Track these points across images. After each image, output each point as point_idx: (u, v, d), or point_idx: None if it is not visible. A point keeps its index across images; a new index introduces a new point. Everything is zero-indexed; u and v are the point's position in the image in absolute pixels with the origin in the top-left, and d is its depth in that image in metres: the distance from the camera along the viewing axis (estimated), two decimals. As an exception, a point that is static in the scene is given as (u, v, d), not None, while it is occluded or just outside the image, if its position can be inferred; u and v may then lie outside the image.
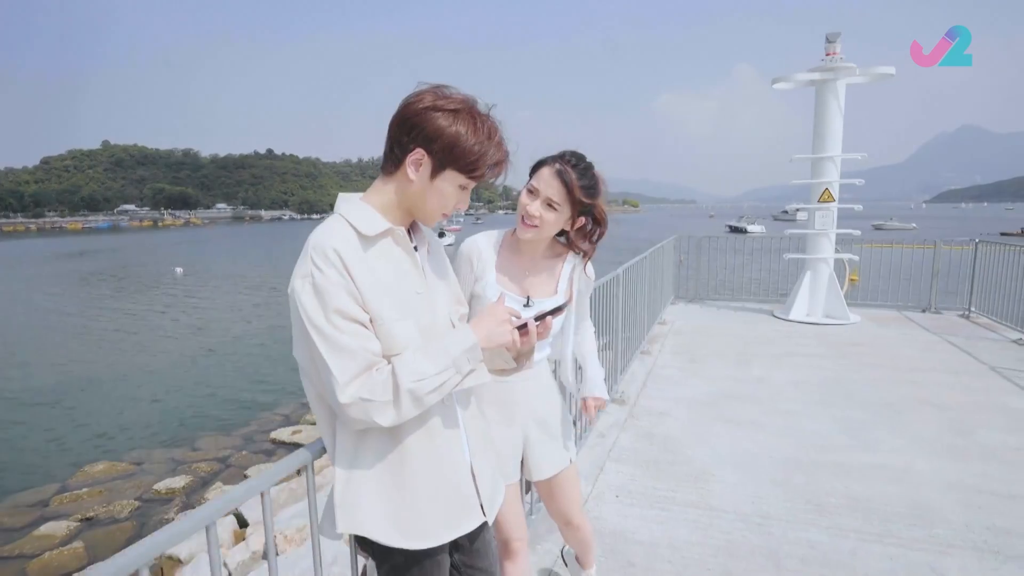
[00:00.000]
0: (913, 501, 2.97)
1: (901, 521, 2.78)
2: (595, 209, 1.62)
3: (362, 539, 1.24)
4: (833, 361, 5.56)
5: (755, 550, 2.58)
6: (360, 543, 1.27)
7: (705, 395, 4.63)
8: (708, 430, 3.93)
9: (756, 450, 3.60)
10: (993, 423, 3.96)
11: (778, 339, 6.50)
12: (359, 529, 1.18)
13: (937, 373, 5.13)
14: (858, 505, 2.93)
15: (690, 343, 6.34)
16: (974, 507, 2.90)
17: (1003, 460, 3.41)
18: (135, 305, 22.26)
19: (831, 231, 7.50)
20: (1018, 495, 3.02)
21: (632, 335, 5.38)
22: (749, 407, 4.35)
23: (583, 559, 2.13)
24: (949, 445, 3.63)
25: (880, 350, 5.95)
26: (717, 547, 2.61)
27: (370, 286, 1.12)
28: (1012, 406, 4.29)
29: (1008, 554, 2.52)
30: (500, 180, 1.25)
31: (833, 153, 7.32)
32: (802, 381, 4.95)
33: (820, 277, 7.55)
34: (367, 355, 1.10)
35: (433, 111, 1.11)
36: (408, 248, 1.23)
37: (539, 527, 2.71)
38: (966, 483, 3.14)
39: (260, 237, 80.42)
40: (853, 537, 2.66)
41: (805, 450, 3.59)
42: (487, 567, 1.40)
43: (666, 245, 7.78)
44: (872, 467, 3.35)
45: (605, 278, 4.04)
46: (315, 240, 1.13)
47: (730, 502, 2.99)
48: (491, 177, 1.20)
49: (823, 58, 7.26)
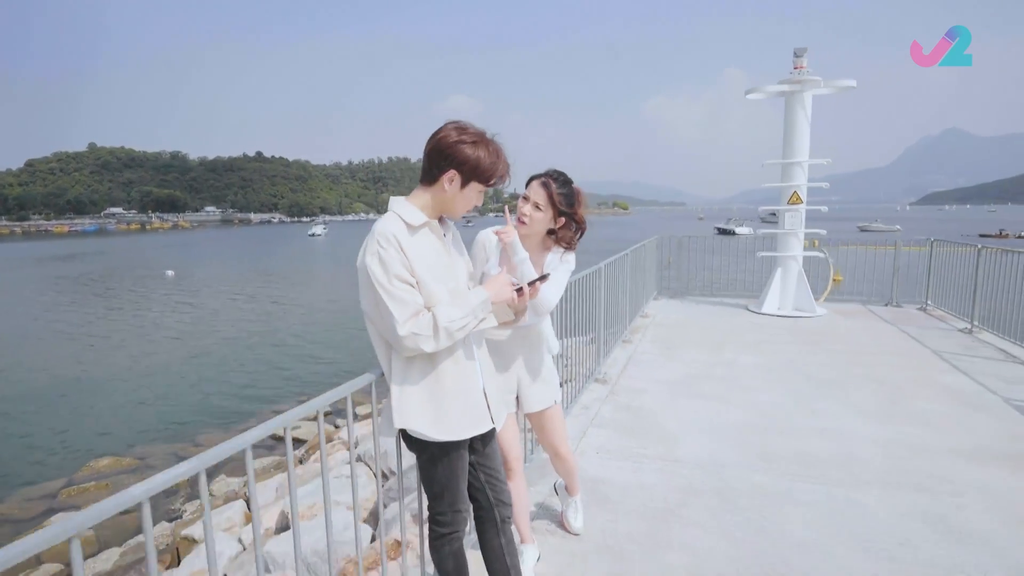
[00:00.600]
0: (843, 453, 3.54)
1: (831, 467, 3.36)
2: (575, 215, 2.18)
3: (408, 438, 1.78)
4: (796, 348, 6.16)
5: (709, 489, 3.14)
6: (406, 440, 1.80)
7: (679, 376, 5.20)
8: (678, 403, 4.49)
9: (718, 418, 4.17)
10: (924, 395, 4.56)
11: (750, 330, 7.08)
12: (408, 425, 1.71)
13: (885, 356, 5.74)
14: (797, 456, 3.50)
15: (669, 334, 6.91)
16: (892, 456, 3.48)
17: (925, 423, 4.00)
18: (128, 307, 22.46)
19: (799, 231, 8.12)
20: (931, 447, 3.60)
21: (615, 326, 5.93)
22: (716, 385, 4.92)
23: (570, 487, 2.69)
24: (882, 412, 4.22)
25: (839, 338, 6.56)
26: (678, 487, 3.16)
27: (415, 259, 1.66)
28: (944, 382, 4.89)
29: (911, 487, 3.10)
30: (504, 185, 1.79)
31: (801, 159, 7.94)
32: (765, 364, 5.54)
33: (790, 273, 8.15)
34: (416, 304, 1.64)
35: (460, 144, 1.66)
36: (439, 235, 1.78)
37: (534, 474, 3.25)
38: (890, 439, 3.73)
39: (250, 240, 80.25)
40: (790, 478, 3.23)
41: (759, 417, 4.16)
42: (495, 467, 1.94)
43: (648, 244, 8.35)
44: (813, 429, 3.92)
45: (587, 270, 4.58)
46: (379, 228, 1.66)
47: (691, 456, 3.55)
48: (499, 184, 1.75)
49: (791, 71, 7.88)
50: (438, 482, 1.80)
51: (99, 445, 9.39)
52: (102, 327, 18.55)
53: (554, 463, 2.60)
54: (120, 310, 21.64)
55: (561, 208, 2.17)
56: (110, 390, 12.21)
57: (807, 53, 7.88)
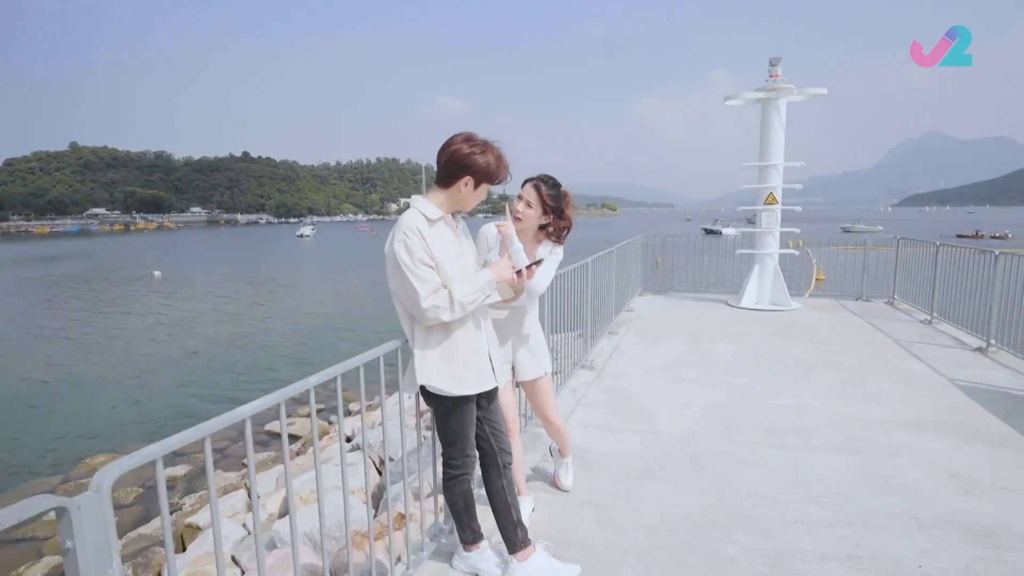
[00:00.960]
0: (802, 425, 3.98)
1: (789, 436, 3.79)
2: (562, 214, 2.59)
3: (428, 394, 2.17)
4: (769, 338, 6.61)
5: (682, 455, 3.55)
6: (425, 396, 2.19)
7: (660, 363, 5.62)
8: (658, 386, 4.91)
9: (693, 398, 4.59)
10: (881, 378, 5.02)
11: (728, 323, 7.54)
12: (428, 382, 2.10)
13: (850, 344, 6.21)
14: (761, 429, 3.93)
15: (652, 326, 7.34)
16: (843, 427, 3.93)
17: (879, 401, 4.45)
18: (116, 308, 22.48)
19: (775, 229, 8.59)
20: (878, 419, 4.05)
21: (601, 319, 6.34)
22: (693, 370, 5.35)
23: (562, 450, 3.09)
24: (841, 392, 4.67)
25: (810, 329, 7.03)
26: (655, 454, 3.57)
27: (434, 246, 2.05)
28: (901, 366, 5.36)
29: (857, 451, 3.54)
30: (506, 183, 2.20)
31: (776, 162, 8.41)
32: (739, 352, 5.98)
33: (767, 270, 8.62)
34: (435, 283, 2.02)
35: (472, 154, 2.05)
36: (452, 226, 2.16)
37: (528, 443, 3.64)
38: (845, 414, 4.17)
39: (237, 241, 79.81)
40: (754, 446, 3.66)
41: (731, 397, 4.59)
42: (497, 421, 2.33)
43: (634, 243, 8.79)
44: (778, 406, 4.36)
45: (574, 265, 4.98)
46: (405, 221, 2.05)
47: (668, 429, 3.96)
48: (502, 182, 2.15)
49: (767, 80, 8.35)
50: (452, 431, 2.19)
51: (94, 444, 9.48)
52: (91, 328, 18.57)
53: (545, 428, 3.01)
54: (109, 311, 21.68)
55: (549, 206, 2.57)
56: (104, 390, 12.29)
57: (781, 62, 8.35)
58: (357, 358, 2.03)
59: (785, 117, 8.41)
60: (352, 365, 2.01)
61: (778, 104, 8.32)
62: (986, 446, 3.61)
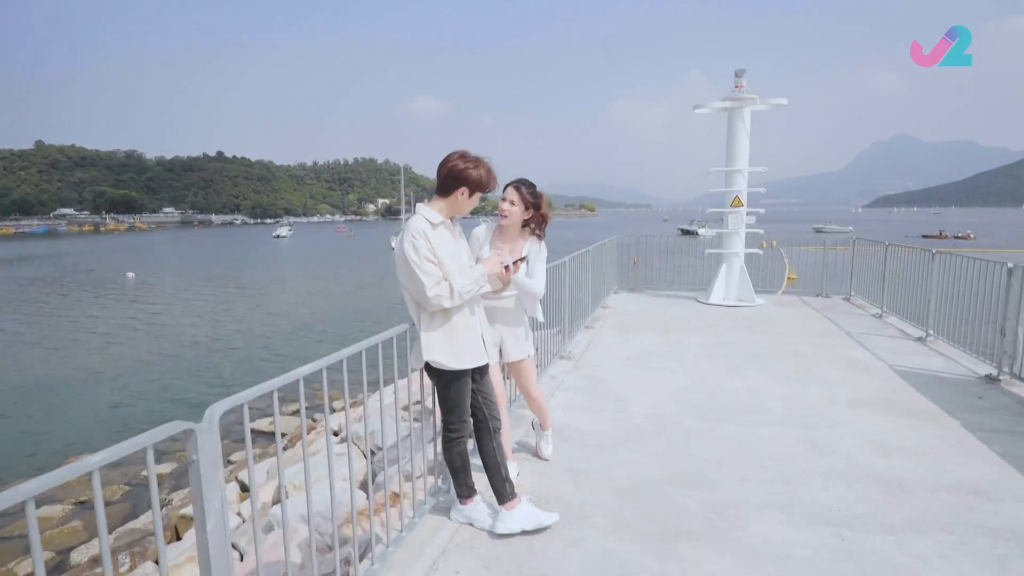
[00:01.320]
0: (755, 405, 4.48)
1: (743, 414, 4.29)
2: (539, 209, 3.03)
3: (431, 370, 2.58)
4: (733, 331, 7.14)
5: (650, 431, 4.02)
6: (429, 371, 2.60)
7: (632, 354, 6.10)
8: (630, 374, 5.39)
9: (662, 384, 5.07)
10: (830, 364, 5.57)
11: (696, 318, 8.06)
12: (431, 358, 2.52)
13: (806, 336, 6.77)
14: (720, 409, 4.42)
15: (626, 321, 7.83)
16: (791, 406, 4.44)
17: (824, 384, 4.98)
18: (91, 310, 22.30)
19: (741, 230, 9.16)
20: (821, 399, 4.58)
21: (578, 315, 6.80)
22: (663, 360, 5.84)
23: (543, 423, 3.53)
24: (792, 377, 5.20)
25: (772, 323, 7.59)
26: (626, 431, 4.03)
27: (436, 246, 2.46)
28: (848, 355, 5.93)
29: (800, 425, 4.05)
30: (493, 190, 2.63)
31: (741, 167, 8.98)
32: (705, 343, 6.49)
33: (733, 269, 9.19)
34: (438, 276, 2.44)
35: (467, 169, 2.48)
36: (451, 229, 2.59)
37: (514, 421, 4.06)
38: (794, 395, 4.69)
39: (212, 242, 78.76)
40: (712, 422, 4.14)
41: (695, 382, 5.09)
42: (488, 393, 2.76)
43: (609, 243, 9.28)
44: (737, 390, 4.86)
45: (552, 264, 5.42)
46: (412, 225, 2.46)
47: (638, 410, 4.43)
48: (491, 191, 2.59)
49: (732, 90, 8.91)
50: (451, 400, 2.62)
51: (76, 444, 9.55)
52: (62, 332, 18.36)
53: (528, 404, 3.45)
54: (83, 314, 21.48)
55: (529, 202, 3.04)
56: (81, 392, 12.28)
57: (746, 74, 8.92)
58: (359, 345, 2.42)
59: (750, 125, 8.98)
60: (356, 349, 2.40)
61: (743, 113, 8.88)
62: (910, 419, 4.15)
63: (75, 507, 7.64)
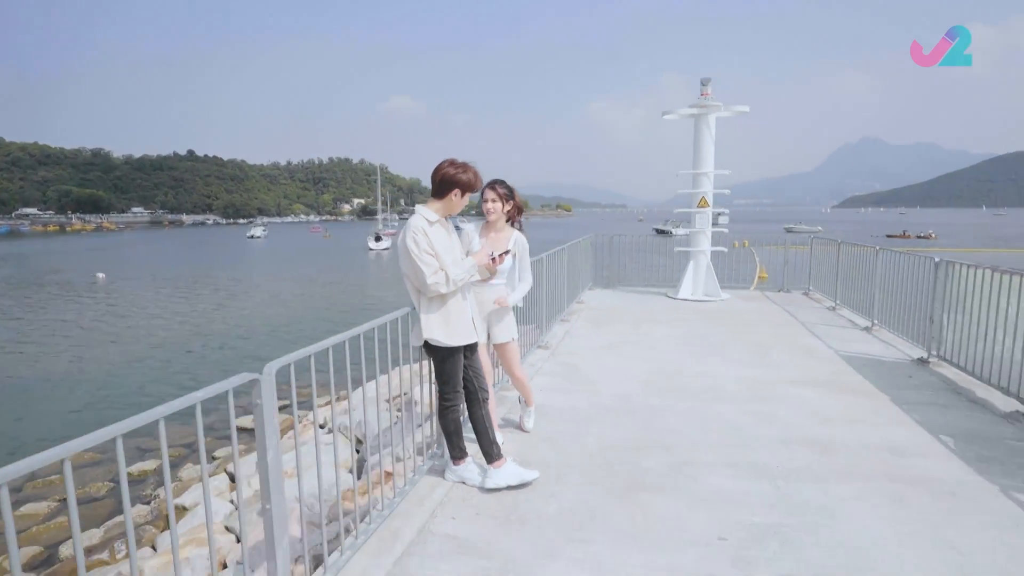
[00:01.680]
0: (713, 385, 5.00)
1: (703, 393, 4.80)
2: (516, 203, 3.49)
3: (429, 347, 3.01)
4: (698, 323, 7.69)
5: (617, 408, 4.50)
6: (427, 348, 3.03)
7: (604, 343, 6.59)
8: (602, 360, 5.87)
9: (631, 369, 5.56)
10: (782, 350, 6.13)
11: (665, 311, 8.60)
12: (430, 336, 2.95)
13: (764, 326, 7.35)
14: (682, 389, 4.93)
15: (600, 315, 8.33)
16: (745, 386, 4.97)
17: (777, 367, 5.53)
18: (62, 310, 22.05)
19: (708, 229, 9.74)
20: (773, 380, 5.12)
21: (555, 310, 7.26)
22: (632, 348, 6.34)
23: (526, 400, 3.99)
24: (748, 361, 5.74)
25: (734, 315, 8.16)
26: (596, 407, 4.50)
27: (434, 241, 2.90)
28: (800, 342, 6.50)
29: (751, 402, 4.57)
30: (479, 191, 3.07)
31: (707, 169, 9.55)
32: (672, 334, 7.02)
33: (700, 266, 9.76)
34: (435, 266, 2.88)
35: (457, 174, 2.92)
36: (445, 227, 3.02)
37: (498, 401, 4.50)
38: (748, 376, 5.22)
39: (185, 243, 77.45)
40: (674, 400, 4.64)
41: (661, 366, 5.59)
42: (477, 368, 3.20)
43: (583, 242, 9.77)
44: (698, 373, 5.38)
45: (531, 260, 5.87)
46: (412, 223, 2.89)
47: (608, 391, 4.91)
48: (477, 191, 3.03)
49: (699, 97, 9.48)
50: (446, 372, 3.05)
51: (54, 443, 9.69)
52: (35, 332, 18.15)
53: (513, 382, 3.89)
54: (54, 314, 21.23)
55: (505, 195, 3.55)
56: (53, 392, 12.27)
57: (711, 83, 9.50)
58: (366, 325, 2.84)
59: (715, 129, 9.55)
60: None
61: (708, 119, 9.45)
62: (847, 395, 4.70)
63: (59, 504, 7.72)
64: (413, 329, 3.04)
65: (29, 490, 8.14)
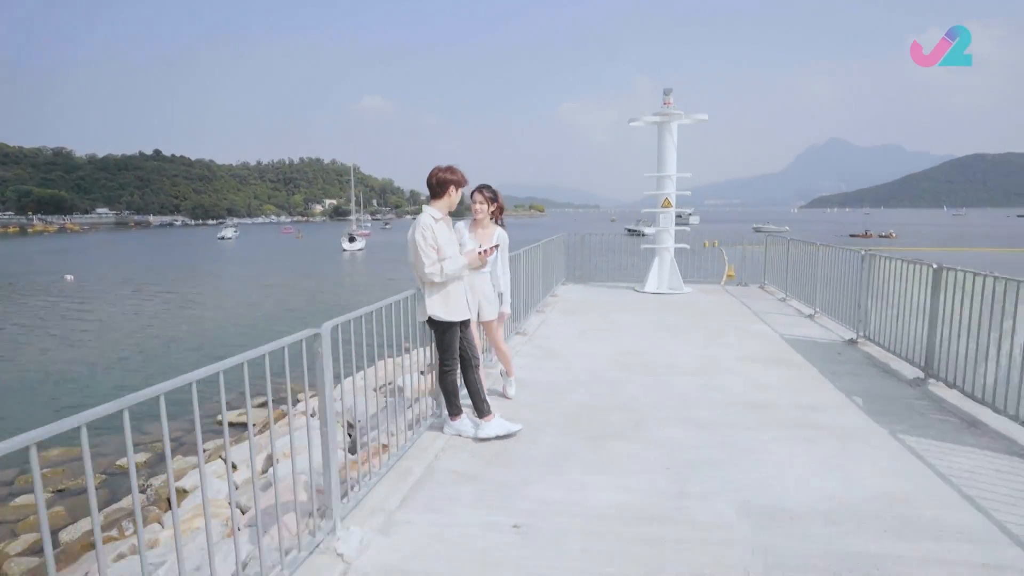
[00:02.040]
0: (670, 362, 5.75)
1: (661, 368, 5.54)
2: (498, 201, 4.17)
3: (432, 322, 3.66)
4: (661, 312, 8.47)
5: (586, 380, 5.20)
6: (430, 323, 3.69)
7: (576, 330, 7.30)
8: (574, 344, 6.58)
9: (599, 350, 6.28)
10: (733, 334, 6.93)
11: (632, 303, 9.37)
12: (432, 313, 3.62)
13: (720, 315, 8.16)
14: (643, 365, 5.66)
15: (572, 306, 9.06)
16: (698, 363, 5.73)
17: (726, 348, 6.31)
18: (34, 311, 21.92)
19: (671, 228, 10.55)
20: (723, 358, 5.89)
21: (531, 300, 7.95)
22: (601, 334, 7.07)
23: (508, 371, 4.67)
24: (703, 343, 6.52)
25: (694, 306, 8.97)
26: (568, 380, 5.20)
27: (438, 236, 3.56)
28: (750, 328, 7.32)
29: (702, 375, 5.33)
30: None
31: (670, 172, 10.35)
32: (637, 322, 7.77)
33: (664, 262, 10.56)
34: (434, 258, 3.56)
35: (450, 176, 3.60)
36: (447, 224, 3.68)
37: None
38: (701, 356, 5.99)
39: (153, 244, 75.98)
40: (635, 375, 5.37)
41: (626, 348, 6.32)
42: (470, 339, 3.87)
43: (557, 240, 10.48)
44: (656, 352, 6.13)
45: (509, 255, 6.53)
46: (422, 220, 3.55)
47: (579, 367, 5.62)
48: (466, 185, 3.71)
49: (662, 107, 10.27)
50: (445, 343, 3.70)
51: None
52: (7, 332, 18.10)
53: (497, 354, 4.57)
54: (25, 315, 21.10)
55: (490, 198, 4.23)
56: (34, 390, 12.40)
57: (672, 93, 10.30)
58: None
59: (676, 136, 10.36)
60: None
61: (670, 126, 10.26)
62: (785, 369, 5.49)
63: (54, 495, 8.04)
64: (419, 307, 3.69)
65: (20, 483, 8.34)
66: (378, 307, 3.17)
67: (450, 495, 3.13)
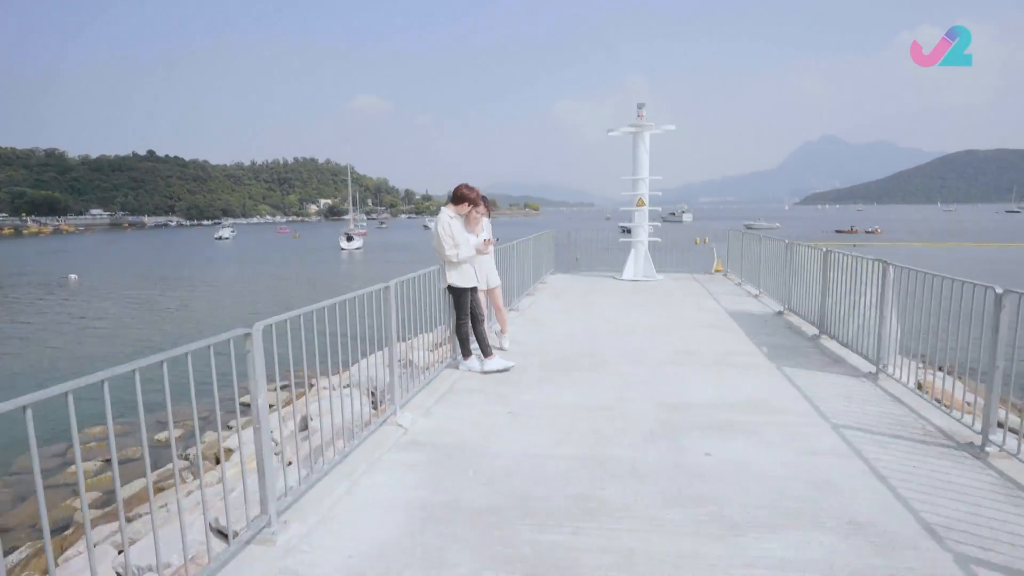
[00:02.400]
0: (632, 327, 7.32)
1: (623, 332, 7.11)
2: (489, 209, 5.76)
3: (452, 289, 5.23)
4: (634, 295, 10.04)
5: (566, 340, 6.76)
6: (450, 289, 5.25)
7: (560, 308, 8.87)
8: (558, 319, 8.14)
9: (578, 324, 7.83)
10: (689, 309, 8.52)
11: (610, 288, 10.94)
12: (452, 282, 5.19)
13: (681, 296, 9.76)
14: (610, 331, 7.23)
15: (558, 291, 10.62)
16: (657, 328, 7.30)
17: (679, 317, 7.89)
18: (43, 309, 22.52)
19: (645, 224, 12.12)
20: (680, 325, 7.46)
21: (523, 285, 9.50)
22: (581, 311, 8.64)
23: (503, 328, 6.23)
24: (663, 315, 8.10)
25: (663, 290, 10.55)
26: (552, 340, 6.76)
27: (454, 230, 5.11)
28: (704, 304, 8.91)
29: (659, 336, 6.89)
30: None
31: (643, 176, 11.92)
32: (612, 302, 9.35)
33: (640, 253, 12.13)
34: (452, 243, 5.10)
35: (469, 194, 5.20)
36: (460, 221, 5.24)
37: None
38: (658, 323, 7.56)
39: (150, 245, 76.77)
40: (604, 337, 6.93)
41: (600, 321, 7.89)
42: (478, 302, 5.44)
43: (546, 235, 12.03)
44: (623, 321, 7.70)
45: (502, 245, 8.07)
46: (443, 216, 5.13)
47: (560, 333, 7.18)
48: (478, 205, 5.28)
49: (635, 119, 11.82)
50: (461, 303, 5.27)
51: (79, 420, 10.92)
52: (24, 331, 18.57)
53: (496, 314, 6.14)
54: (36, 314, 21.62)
55: (488, 206, 5.73)
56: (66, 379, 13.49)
57: (644, 107, 11.86)
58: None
59: (649, 145, 11.92)
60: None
61: (643, 136, 11.83)
62: (719, 331, 7.07)
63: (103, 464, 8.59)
64: (442, 278, 5.23)
65: (71, 455, 8.92)
66: (423, 272, 4.72)
67: (465, 400, 4.70)
